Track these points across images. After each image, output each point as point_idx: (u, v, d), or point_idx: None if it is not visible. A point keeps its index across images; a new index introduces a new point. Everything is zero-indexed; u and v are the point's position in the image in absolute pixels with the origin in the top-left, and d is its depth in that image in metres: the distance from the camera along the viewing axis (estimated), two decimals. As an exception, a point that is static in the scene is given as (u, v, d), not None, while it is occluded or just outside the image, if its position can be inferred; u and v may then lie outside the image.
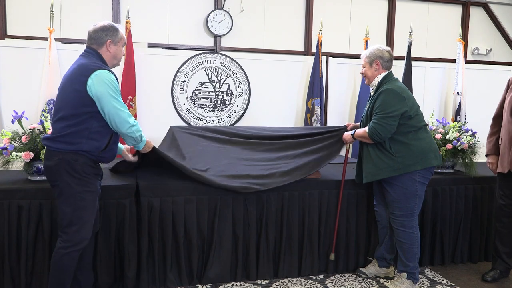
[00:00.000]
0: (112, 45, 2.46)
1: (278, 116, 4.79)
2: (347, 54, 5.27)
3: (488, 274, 3.19)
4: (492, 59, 5.95)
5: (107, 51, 2.46)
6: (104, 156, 2.44)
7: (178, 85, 4.47)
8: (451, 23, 5.71)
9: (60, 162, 2.32)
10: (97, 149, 2.38)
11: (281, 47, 5.08)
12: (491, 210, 3.48)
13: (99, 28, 2.46)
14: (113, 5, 4.60)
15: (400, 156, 2.80)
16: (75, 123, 2.33)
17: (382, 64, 2.93)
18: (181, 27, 4.81)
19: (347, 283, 3.08)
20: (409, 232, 2.88)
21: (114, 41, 2.47)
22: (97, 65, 2.37)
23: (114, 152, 2.52)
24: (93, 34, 2.45)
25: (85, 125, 2.34)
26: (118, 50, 2.51)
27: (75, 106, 2.34)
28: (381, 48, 2.97)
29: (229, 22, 4.77)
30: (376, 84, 2.94)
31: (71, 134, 2.33)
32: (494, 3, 5.84)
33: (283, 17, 5.10)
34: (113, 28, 2.48)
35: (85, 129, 2.34)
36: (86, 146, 2.34)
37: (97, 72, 2.32)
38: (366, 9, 5.39)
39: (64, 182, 2.33)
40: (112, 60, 2.51)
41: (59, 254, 2.35)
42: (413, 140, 2.82)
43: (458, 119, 4.84)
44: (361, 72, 3.03)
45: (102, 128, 2.38)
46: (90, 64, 2.37)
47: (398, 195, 2.85)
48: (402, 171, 2.80)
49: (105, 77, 2.33)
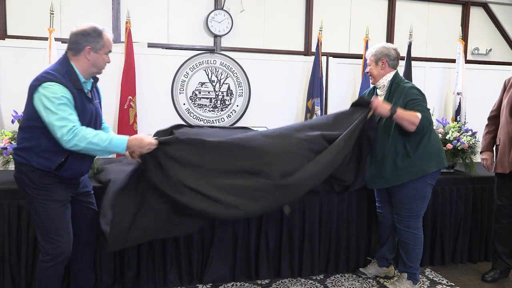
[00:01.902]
0: (92, 53, 2.22)
1: (278, 116, 4.78)
2: (347, 54, 5.26)
3: (488, 274, 3.19)
4: (492, 59, 5.94)
5: (85, 59, 2.22)
6: (62, 174, 2.24)
7: (178, 85, 4.47)
8: (451, 23, 5.70)
9: (20, 174, 2.26)
10: (48, 168, 2.20)
11: (281, 47, 5.07)
12: (491, 210, 3.48)
13: (79, 32, 2.22)
14: (113, 5, 4.60)
15: (419, 159, 2.74)
16: (28, 137, 2.21)
17: (389, 63, 2.85)
18: (181, 27, 4.81)
19: (347, 283, 3.08)
20: (414, 233, 2.87)
21: (94, 48, 2.22)
22: (50, 76, 2.14)
23: (78, 170, 2.31)
24: (72, 38, 2.23)
25: (36, 141, 2.19)
26: (99, 58, 2.25)
27: (27, 117, 2.21)
28: (387, 46, 2.89)
29: (229, 22, 4.76)
30: (385, 84, 2.85)
31: (24, 149, 2.22)
32: (494, 3, 5.83)
33: (283, 17, 5.09)
34: (95, 33, 2.23)
35: (35, 146, 2.19)
36: (36, 163, 2.20)
37: (44, 85, 2.11)
38: (366, 9, 5.38)
39: (27, 193, 2.26)
40: (90, 68, 2.26)
41: (42, 268, 2.30)
42: (427, 141, 2.77)
43: (458, 119, 4.84)
44: (366, 71, 2.95)
45: (54, 147, 2.17)
46: (45, 73, 2.17)
47: (407, 197, 2.81)
48: (420, 174, 2.74)
49: (49, 90, 2.10)
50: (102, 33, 2.25)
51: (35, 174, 2.22)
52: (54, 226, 2.26)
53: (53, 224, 2.26)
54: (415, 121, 2.63)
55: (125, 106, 4.20)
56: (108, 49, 2.29)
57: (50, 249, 2.27)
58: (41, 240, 2.29)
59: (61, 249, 2.28)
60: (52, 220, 2.26)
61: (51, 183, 2.25)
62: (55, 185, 2.27)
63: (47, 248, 2.28)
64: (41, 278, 2.32)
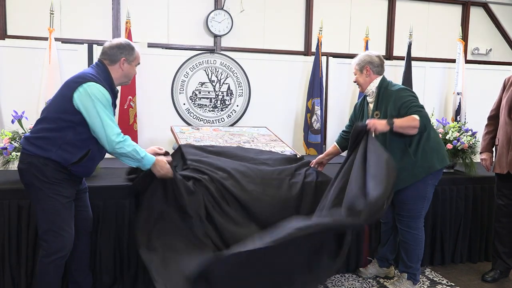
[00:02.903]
0: (125, 64, 2.43)
1: (278, 116, 4.79)
2: (347, 54, 5.27)
3: (488, 275, 3.19)
4: (492, 59, 5.94)
5: (120, 69, 2.42)
6: (75, 170, 2.32)
7: (178, 85, 4.47)
8: (451, 23, 5.70)
9: (30, 166, 2.26)
10: (67, 161, 2.27)
11: (281, 47, 5.08)
12: (491, 210, 3.47)
13: (115, 45, 2.42)
14: (113, 5, 4.60)
15: (419, 159, 2.73)
16: (52, 128, 2.26)
17: (373, 70, 2.86)
18: (181, 27, 4.81)
19: (347, 283, 3.08)
20: (414, 233, 2.87)
21: (128, 60, 2.43)
22: (94, 77, 2.29)
23: (89, 169, 2.40)
24: (108, 50, 2.41)
25: (60, 133, 2.26)
26: (131, 69, 2.47)
27: (57, 110, 2.28)
28: (370, 54, 2.90)
29: (229, 22, 4.77)
30: (373, 90, 2.86)
31: (44, 139, 2.26)
32: (494, 3, 5.84)
33: (283, 17, 5.10)
34: (130, 47, 2.45)
35: (59, 138, 2.25)
36: (55, 155, 2.25)
37: (89, 83, 2.25)
38: (366, 9, 5.39)
39: (35, 186, 2.27)
40: (122, 78, 2.47)
41: (44, 263, 2.31)
42: (427, 141, 2.77)
43: (458, 119, 4.84)
44: (353, 81, 2.97)
45: (78, 141, 2.28)
46: (87, 74, 2.30)
47: (408, 197, 2.81)
48: (423, 175, 2.74)
49: (95, 89, 2.24)
50: (134, 48, 2.48)
51: (48, 167, 2.25)
52: (59, 221, 2.30)
53: (58, 218, 2.30)
54: (415, 124, 2.61)
55: (125, 106, 4.21)
56: (138, 61, 2.51)
57: (52, 243, 2.29)
58: (44, 234, 2.31)
59: (63, 244, 2.31)
60: (58, 214, 2.29)
61: (62, 179, 2.30)
62: (65, 181, 2.31)
63: (49, 242, 2.30)
64: (42, 275, 2.32)
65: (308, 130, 4.68)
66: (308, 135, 4.68)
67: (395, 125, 2.62)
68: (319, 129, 4.64)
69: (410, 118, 2.63)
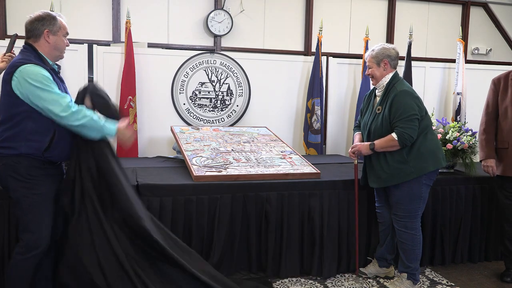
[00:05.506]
0: (50, 35, 2.31)
1: (278, 116, 4.78)
2: (347, 54, 5.27)
3: (507, 275, 3.16)
4: (492, 59, 5.95)
5: (46, 42, 2.31)
6: (51, 155, 2.28)
7: (178, 85, 4.47)
8: (451, 23, 5.71)
9: (4, 167, 2.24)
10: (38, 150, 2.24)
11: (281, 47, 5.08)
12: (491, 210, 3.48)
13: (35, 19, 2.31)
14: (113, 5, 4.60)
15: (412, 159, 2.75)
16: (10, 126, 2.22)
17: (391, 63, 2.88)
18: (181, 27, 4.81)
19: (347, 283, 3.08)
20: (411, 233, 2.87)
21: (52, 31, 2.31)
22: (23, 61, 2.20)
23: (63, 149, 2.33)
24: (29, 26, 2.30)
25: (20, 127, 2.21)
26: (59, 40, 2.35)
27: (6, 107, 2.23)
28: (387, 47, 2.90)
29: (229, 22, 4.77)
30: (384, 84, 2.88)
31: (9, 138, 2.23)
32: (494, 3, 5.84)
33: (283, 17, 5.10)
34: (50, 17, 2.32)
35: (21, 132, 2.22)
36: (25, 149, 2.22)
37: (20, 68, 2.17)
38: (366, 9, 5.39)
39: (11, 187, 2.26)
40: (53, 51, 2.35)
41: (15, 260, 2.27)
42: (423, 142, 2.78)
43: (458, 119, 4.84)
44: (367, 73, 2.96)
45: (40, 127, 2.24)
46: (15, 61, 2.22)
47: (403, 197, 2.82)
48: (415, 175, 2.76)
49: (27, 71, 2.16)
50: (55, 17, 2.35)
51: (21, 165, 2.23)
52: (35, 219, 2.26)
53: (35, 217, 2.26)
54: (393, 144, 2.74)
55: (125, 106, 4.20)
56: (65, 30, 2.39)
57: (28, 239, 2.25)
58: (22, 232, 2.28)
59: (39, 241, 2.27)
60: (34, 212, 2.26)
61: (37, 175, 2.27)
62: (41, 177, 2.28)
63: (25, 239, 2.26)
64: (13, 270, 2.27)
65: (308, 130, 4.68)
66: (308, 135, 4.68)
67: (376, 148, 2.80)
68: (319, 129, 4.64)
69: (388, 139, 2.75)
